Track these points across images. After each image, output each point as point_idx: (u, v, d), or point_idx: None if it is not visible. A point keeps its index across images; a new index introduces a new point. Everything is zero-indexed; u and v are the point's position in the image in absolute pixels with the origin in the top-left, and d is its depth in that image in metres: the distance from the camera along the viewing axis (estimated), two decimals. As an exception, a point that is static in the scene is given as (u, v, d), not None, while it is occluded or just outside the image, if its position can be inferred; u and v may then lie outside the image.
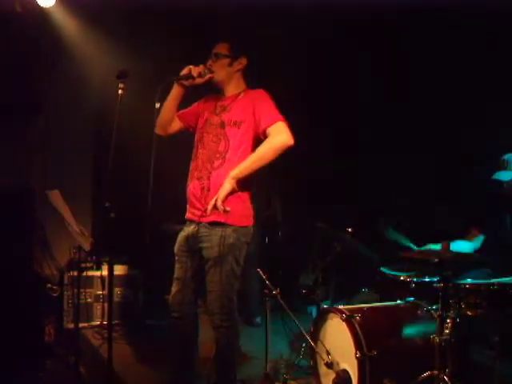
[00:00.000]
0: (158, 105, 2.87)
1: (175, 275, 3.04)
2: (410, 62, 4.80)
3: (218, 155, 2.94)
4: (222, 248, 2.84)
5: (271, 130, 2.87)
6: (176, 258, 3.05)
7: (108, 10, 4.50)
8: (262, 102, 2.95)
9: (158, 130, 3.14)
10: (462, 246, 3.63)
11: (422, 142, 4.78)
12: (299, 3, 4.41)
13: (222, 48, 3.06)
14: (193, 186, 2.99)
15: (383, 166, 4.96)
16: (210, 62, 3.05)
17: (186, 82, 3.04)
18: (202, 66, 3.02)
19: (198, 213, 2.94)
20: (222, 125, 2.98)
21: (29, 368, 3.50)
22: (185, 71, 3.03)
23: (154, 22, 4.74)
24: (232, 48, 3.05)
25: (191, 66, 3.02)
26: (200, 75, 3.01)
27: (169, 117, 3.13)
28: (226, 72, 3.04)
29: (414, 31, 4.64)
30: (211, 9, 4.50)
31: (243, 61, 3.07)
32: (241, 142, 2.93)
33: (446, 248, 2.94)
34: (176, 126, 3.19)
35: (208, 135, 3.02)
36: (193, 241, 2.96)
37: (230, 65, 3.04)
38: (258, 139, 2.94)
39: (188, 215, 3.04)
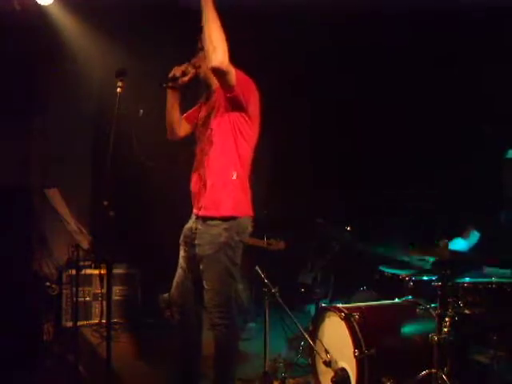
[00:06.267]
0: (141, 111, 2.86)
1: (179, 265, 3.04)
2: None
3: (207, 142, 2.94)
4: (212, 246, 2.84)
5: None
6: (180, 247, 3.05)
7: (107, 8, 4.49)
8: None
9: (168, 136, 3.17)
10: (458, 244, 3.64)
11: (421, 139, 4.77)
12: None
13: (201, 41, 2.91)
14: (193, 180, 3.01)
15: (385, 163, 4.97)
16: (194, 59, 2.99)
17: (174, 84, 2.99)
18: (184, 65, 2.98)
19: (198, 204, 2.95)
20: (209, 116, 2.98)
21: (28, 367, 3.50)
22: (170, 74, 3.00)
23: (153, 20, 4.73)
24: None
25: (175, 67, 3.00)
26: (184, 74, 2.96)
27: (172, 121, 3.12)
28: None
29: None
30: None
31: None
32: (219, 120, 2.90)
33: (445, 247, 2.94)
34: (184, 128, 3.17)
35: (202, 131, 3.03)
36: (191, 235, 2.98)
37: None
38: (232, 105, 2.84)
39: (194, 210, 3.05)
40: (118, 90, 2.71)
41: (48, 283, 4.33)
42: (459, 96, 4.54)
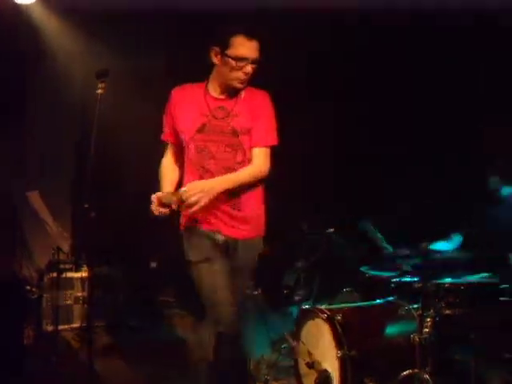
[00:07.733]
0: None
1: (219, 283, 2.66)
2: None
3: (237, 166, 2.71)
4: (253, 257, 2.80)
5: (254, 153, 2.73)
6: (205, 262, 2.68)
7: (89, 8, 4.46)
8: (263, 116, 2.73)
9: None
10: (440, 247, 3.67)
11: (409, 139, 4.80)
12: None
13: (259, 52, 2.66)
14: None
15: (371, 164, 4.98)
16: (249, 69, 2.65)
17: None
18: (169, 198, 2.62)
19: (232, 229, 2.72)
20: (235, 133, 2.70)
21: (7, 371, 3.45)
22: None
23: (135, 20, 4.70)
24: (260, 50, 2.65)
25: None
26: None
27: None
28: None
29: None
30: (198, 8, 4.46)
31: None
32: (248, 139, 2.73)
33: (426, 248, 2.97)
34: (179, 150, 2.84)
35: (217, 144, 2.71)
36: (222, 246, 2.72)
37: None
38: None
39: (210, 226, 2.73)
40: (99, 91, 2.67)
41: (28, 287, 4.28)
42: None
